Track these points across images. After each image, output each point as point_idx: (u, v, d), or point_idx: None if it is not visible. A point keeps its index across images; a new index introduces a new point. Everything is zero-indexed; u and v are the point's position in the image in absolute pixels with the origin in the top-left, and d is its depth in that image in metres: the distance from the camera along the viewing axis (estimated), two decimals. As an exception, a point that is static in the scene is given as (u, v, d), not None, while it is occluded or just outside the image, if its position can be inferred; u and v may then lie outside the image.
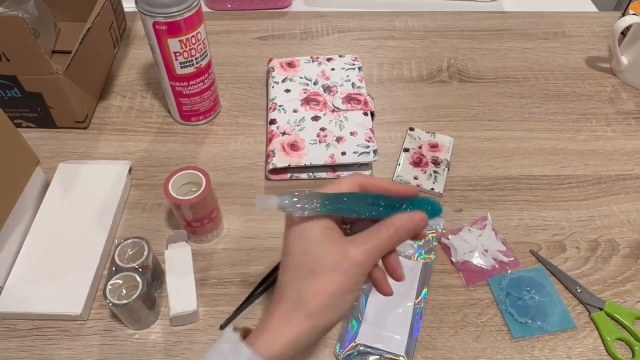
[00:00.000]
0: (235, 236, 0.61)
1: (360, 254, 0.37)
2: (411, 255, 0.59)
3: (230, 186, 0.66)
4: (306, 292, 0.36)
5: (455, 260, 0.59)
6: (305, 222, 0.37)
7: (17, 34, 0.58)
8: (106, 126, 0.72)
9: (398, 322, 0.54)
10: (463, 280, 0.58)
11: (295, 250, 0.38)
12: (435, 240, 0.60)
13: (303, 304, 0.36)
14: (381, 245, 0.38)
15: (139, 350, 0.52)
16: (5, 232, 0.54)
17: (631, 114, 0.77)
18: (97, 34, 0.73)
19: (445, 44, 0.86)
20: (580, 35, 0.89)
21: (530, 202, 0.65)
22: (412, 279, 0.57)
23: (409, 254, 0.59)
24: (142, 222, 0.62)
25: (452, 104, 0.77)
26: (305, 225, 0.38)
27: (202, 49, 0.64)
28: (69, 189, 0.62)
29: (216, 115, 0.74)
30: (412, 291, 0.56)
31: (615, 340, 0.54)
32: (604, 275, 0.59)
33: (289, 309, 0.36)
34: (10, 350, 0.52)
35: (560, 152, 0.71)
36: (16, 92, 0.65)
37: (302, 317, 0.36)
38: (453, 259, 0.59)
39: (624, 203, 0.66)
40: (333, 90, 0.72)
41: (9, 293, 0.54)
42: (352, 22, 0.90)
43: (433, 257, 0.59)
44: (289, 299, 0.37)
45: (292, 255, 0.38)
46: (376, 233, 0.38)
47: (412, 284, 0.57)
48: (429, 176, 0.66)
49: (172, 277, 0.54)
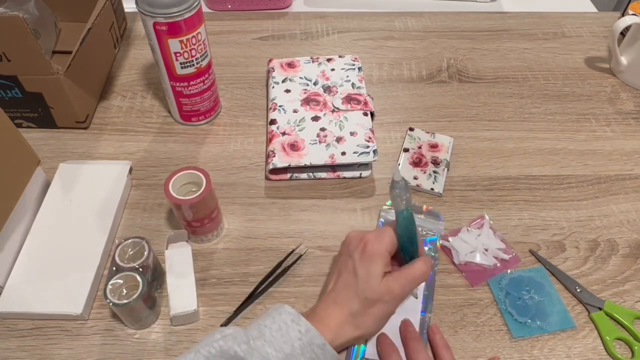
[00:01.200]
0: (235, 236, 0.61)
1: (400, 290, 0.48)
2: None
3: (230, 186, 0.66)
4: (362, 313, 0.47)
5: (458, 262, 0.59)
6: (373, 260, 0.48)
7: (17, 34, 0.58)
8: (107, 126, 0.72)
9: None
10: (466, 281, 0.58)
11: (360, 277, 0.48)
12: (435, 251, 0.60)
13: (358, 321, 0.47)
14: (415, 281, 0.49)
15: (140, 350, 0.52)
16: (5, 232, 0.55)
17: (631, 114, 0.77)
18: (98, 34, 0.73)
19: (445, 45, 0.86)
20: (580, 36, 0.89)
21: (530, 202, 0.65)
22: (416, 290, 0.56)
23: None
24: (143, 222, 0.62)
25: (451, 104, 0.77)
26: (372, 260, 0.48)
27: (203, 49, 0.64)
28: (69, 189, 0.62)
29: (216, 115, 0.74)
30: (417, 305, 0.55)
31: (614, 340, 0.54)
32: (603, 275, 0.59)
33: (346, 319, 0.47)
34: (10, 350, 0.52)
35: (559, 152, 0.71)
36: (17, 92, 0.65)
37: (353, 328, 0.47)
38: (455, 261, 0.59)
39: (624, 203, 0.66)
40: (333, 91, 0.72)
41: (10, 293, 0.54)
42: (352, 23, 0.90)
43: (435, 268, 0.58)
44: (347, 310, 0.47)
45: (356, 278, 0.48)
46: (412, 271, 0.49)
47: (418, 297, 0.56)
48: (429, 176, 0.67)
49: (173, 277, 0.54)
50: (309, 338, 0.44)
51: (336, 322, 0.47)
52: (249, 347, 0.43)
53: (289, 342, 0.43)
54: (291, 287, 0.57)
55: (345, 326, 0.47)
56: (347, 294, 0.48)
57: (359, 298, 0.47)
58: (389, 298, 0.47)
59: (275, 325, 0.45)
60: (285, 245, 0.60)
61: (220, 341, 0.43)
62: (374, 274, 0.47)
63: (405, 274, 0.48)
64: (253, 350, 0.43)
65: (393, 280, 0.48)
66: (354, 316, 0.47)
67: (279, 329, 0.44)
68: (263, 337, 0.44)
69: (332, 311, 0.48)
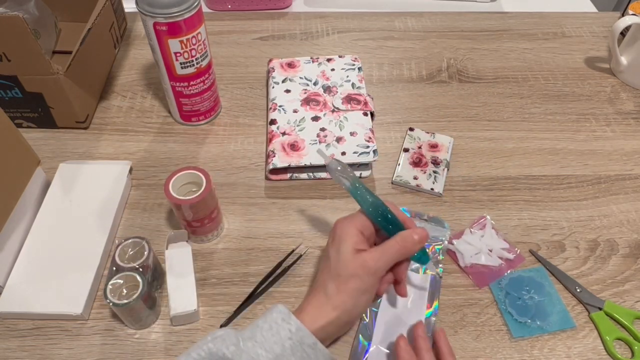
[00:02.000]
0: (235, 236, 0.61)
1: (373, 263, 0.47)
2: (418, 269, 0.58)
3: (230, 186, 0.66)
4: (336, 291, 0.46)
5: (464, 265, 0.59)
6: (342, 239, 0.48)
7: (17, 35, 0.58)
8: (107, 126, 0.72)
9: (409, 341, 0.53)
10: (469, 281, 0.58)
11: (332, 258, 0.48)
12: (442, 254, 0.60)
13: (334, 300, 0.46)
14: (391, 255, 0.48)
15: (140, 350, 0.52)
16: (5, 232, 0.55)
17: (630, 114, 0.77)
18: (98, 35, 0.73)
19: (444, 45, 0.86)
20: (580, 36, 0.89)
21: (530, 202, 0.65)
22: (421, 293, 0.57)
23: (416, 267, 0.58)
24: (143, 222, 0.62)
25: (451, 104, 0.77)
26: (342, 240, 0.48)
27: (203, 49, 0.64)
28: (69, 189, 0.62)
29: (216, 115, 0.74)
30: (421, 307, 0.55)
31: (614, 340, 0.54)
32: (603, 275, 0.59)
33: (322, 301, 0.47)
34: (10, 350, 0.52)
35: (559, 152, 0.71)
36: (17, 93, 0.65)
37: (330, 308, 0.46)
38: (461, 264, 0.59)
39: (624, 203, 0.66)
40: (333, 91, 0.72)
41: (10, 293, 0.54)
42: (352, 23, 0.90)
43: (441, 270, 0.58)
44: (322, 293, 0.47)
45: (329, 260, 0.48)
46: (387, 246, 0.48)
47: (422, 298, 0.56)
48: (429, 176, 0.67)
49: (173, 277, 0.54)
50: (300, 337, 0.43)
51: (313, 306, 0.47)
52: (237, 349, 0.42)
53: (279, 342, 0.43)
54: (291, 287, 0.57)
55: (322, 307, 0.46)
56: (321, 277, 0.48)
57: (332, 278, 0.47)
58: (362, 272, 0.46)
59: (267, 325, 0.44)
60: (285, 245, 0.60)
61: (210, 343, 0.43)
62: (344, 251, 0.47)
63: (380, 248, 0.48)
64: (242, 352, 0.42)
65: (366, 254, 0.47)
66: (329, 297, 0.46)
67: (269, 328, 0.44)
68: (254, 338, 0.43)
69: (311, 298, 0.48)
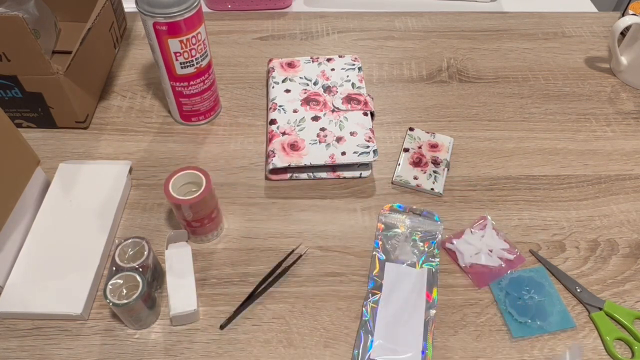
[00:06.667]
0: (235, 236, 0.61)
1: None
2: (415, 263, 0.58)
3: (230, 186, 0.66)
4: None
5: (464, 264, 0.59)
6: None
7: (17, 34, 0.58)
8: (106, 126, 0.72)
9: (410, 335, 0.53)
10: (469, 281, 0.58)
11: None
12: (437, 248, 0.60)
13: None
14: None
15: (139, 350, 0.52)
16: (5, 232, 0.55)
17: (631, 114, 0.77)
18: (98, 34, 0.73)
19: (445, 44, 0.86)
20: (580, 36, 0.89)
21: (530, 202, 0.65)
22: (419, 288, 0.57)
23: (412, 262, 0.58)
24: (143, 222, 0.62)
25: (452, 104, 0.77)
26: None
27: (203, 49, 0.64)
28: (69, 189, 0.62)
29: (216, 115, 0.74)
30: (421, 301, 0.56)
31: (614, 340, 0.54)
32: (603, 275, 0.59)
33: None
34: (10, 350, 0.52)
35: (560, 152, 0.71)
36: (17, 92, 0.65)
37: None
38: (460, 264, 0.59)
39: (624, 203, 0.66)
40: (333, 91, 0.72)
41: (10, 293, 0.54)
42: (352, 23, 0.90)
43: (437, 263, 0.59)
44: None
45: None
46: None
47: (421, 292, 0.56)
48: (429, 176, 0.67)
49: (173, 277, 0.54)
50: None
51: None
52: None
53: None
54: (291, 287, 0.57)
55: None
56: None
57: None
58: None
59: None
60: (285, 245, 0.60)
61: None
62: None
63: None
64: None
65: None
66: None
67: None
68: None
69: None
